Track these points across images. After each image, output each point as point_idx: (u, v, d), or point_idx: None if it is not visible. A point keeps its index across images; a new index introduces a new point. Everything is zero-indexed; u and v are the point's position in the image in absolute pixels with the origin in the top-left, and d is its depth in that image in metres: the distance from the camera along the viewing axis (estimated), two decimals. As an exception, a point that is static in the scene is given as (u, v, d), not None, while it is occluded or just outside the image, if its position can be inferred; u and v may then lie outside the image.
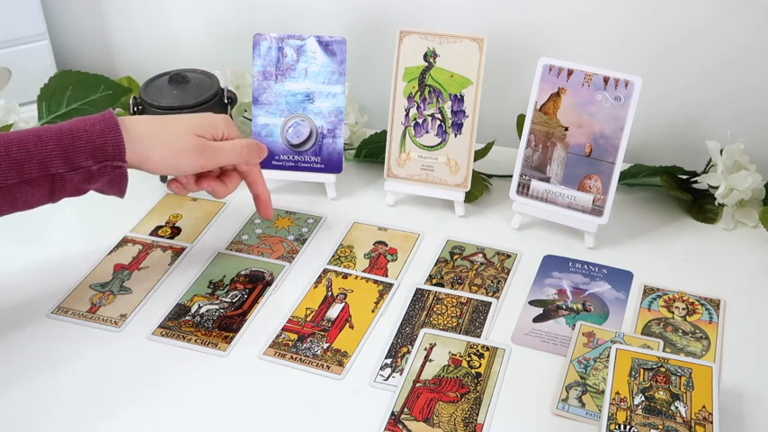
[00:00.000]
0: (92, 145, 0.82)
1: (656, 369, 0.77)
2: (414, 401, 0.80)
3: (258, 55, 1.08)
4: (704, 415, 0.73)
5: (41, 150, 0.81)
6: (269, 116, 1.09)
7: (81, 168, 0.82)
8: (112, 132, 0.83)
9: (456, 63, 1.02)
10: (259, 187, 0.97)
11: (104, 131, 0.83)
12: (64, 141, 0.81)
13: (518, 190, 1.02)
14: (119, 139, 0.83)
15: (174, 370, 0.85)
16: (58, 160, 0.81)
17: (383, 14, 1.21)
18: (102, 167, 0.83)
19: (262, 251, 1.01)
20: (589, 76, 0.96)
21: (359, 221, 1.06)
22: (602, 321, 0.90)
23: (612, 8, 1.11)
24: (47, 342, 0.88)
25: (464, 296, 0.93)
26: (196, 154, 0.88)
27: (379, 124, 1.15)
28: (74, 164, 0.82)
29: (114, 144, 0.83)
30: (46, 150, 0.81)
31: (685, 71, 1.12)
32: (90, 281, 0.97)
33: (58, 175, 0.82)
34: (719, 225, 1.04)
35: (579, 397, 0.80)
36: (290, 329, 0.89)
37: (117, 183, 0.85)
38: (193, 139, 0.88)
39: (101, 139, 0.82)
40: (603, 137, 0.96)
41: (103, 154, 0.83)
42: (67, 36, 1.41)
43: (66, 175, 0.82)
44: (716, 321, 0.89)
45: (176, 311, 0.92)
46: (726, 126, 1.06)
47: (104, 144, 0.82)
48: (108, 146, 0.83)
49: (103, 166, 0.83)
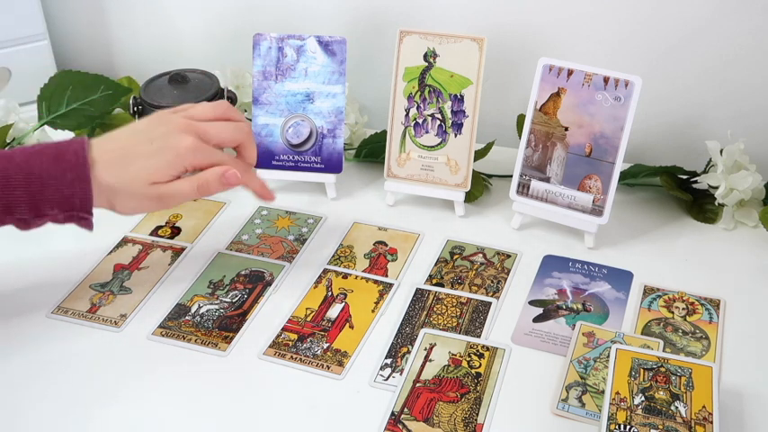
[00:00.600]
0: (60, 195, 0.81)
1: (656, 369, 0.77)
2: (414, 401, 0.80)
3: (258, 55, 1.08)
4: (704, 415, 0.73)
5: (8, 195, 0.80)
6: (269, 116, 1.09)
7: (46, 216, 0.82)
8: (81, 184, 0.81)
9: (456, 63, 1.02)
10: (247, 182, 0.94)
11: (74, 182, 0.81)
12: (32, 189, 0.80)
13: (518, 190, 1.02)
14: (87, 192, 0.81)
15: (174, 370, 0.85)
16: (24, 207, 0.81)
17: (383, 14, 1.21)
18: (68, 217, 0.82)
19: (262, 251, 1.01)
20: (589, 76, 0.96)
21: (359, 221, 1.06)
22: (602, 321, 0.90)
23: (612, 8, 1.11)
24: (47, 342, 0.88)
25: (464, 296, 0.93)
26: (154, 204, 0.86)
27: (379, 124, 1.15)
28: (39, 211, 0.81)
29: (82, 197, 0.81)
30: (13, 196, 0.80)
31: (685, 71, 1.12)
32: (90, 281, 0.97)
33: (23, 219, 0.82)
34: (719, 225, 1.04)
35: (579, 397, 0.80)
36: (290, 329, 0.89)
37: (83, 226, 0.84)
38: (150, 190, 0.85)
39: (69, 191, 0.81)
40: (603, 137, 0.96)
41: (70, 205, 0.82)
42: (67, 36, 1.41)
43: (30, 220, 0.82)
44: (716, 321, 0.89)
45: (176, 311, 0.92)
46: (726, 126, 1.06)
47: (72, 196, 0.81)
48: (75, 198, 0.81)
49: (69, 215, 0.82)
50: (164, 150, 0.86)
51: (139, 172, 0.85)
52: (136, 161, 0.85)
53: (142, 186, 0.85)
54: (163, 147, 0.86)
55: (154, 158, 0.85)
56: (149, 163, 0.85)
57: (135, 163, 0.85)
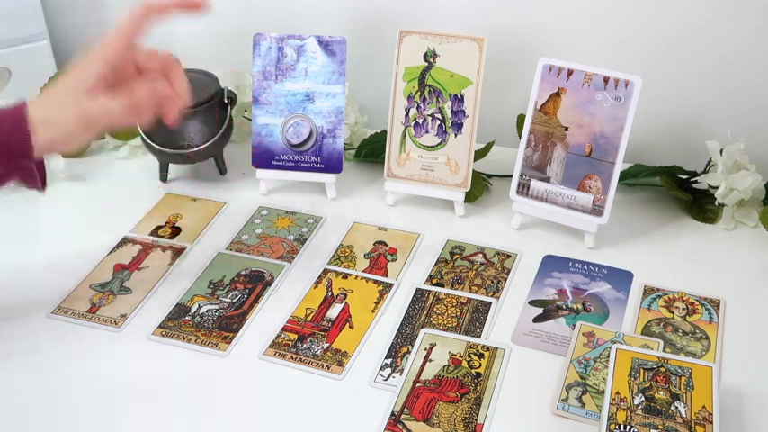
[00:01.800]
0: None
1: (656, 369, 0.77)
2: (414, 401, 0.80)
3: (258, 55, 1.08)
4: (704, 415, 0.73)
5: None
6: (269, 116, 1.09)
7: None
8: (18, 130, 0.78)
9: (456, 63, 1.02)
10: None
11: (10, 130, 0.78)
12: None
13: (518, 190, 1.02)
14: (25, 137, 0.78)
15: (174, 370, 0.85)
16: None
17: (383, 14, 1.21)
18: (8, 168, 0.80)
19: (262, 251, 1.01)
20: (589, 76, 0.96)
21: (359, 221, 1.06)
22: (602, 321, 0.90)
23: (612, 8, 1.11)
24: (47, 342, 0.88)
25: (464, 296, 0.93)
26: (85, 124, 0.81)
27: (379, 124, 1.15)
28: None
29: (20, 142, 0.78)
30: None
31: (685, 71, 1.12)
32: (90, 281, 0.97)
33: None
34: (719, 225, 1.04)
35: (579, 397, 0.80)
36: (290, 329, 0.89)
37: (28, 179, 0.82)
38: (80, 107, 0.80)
39: (5, 138, 0.78)
40: (603, 137, 0.96)
41: (8, 154, 0.79)
42: (67, 36, 1.41)
43: None
44: (716, 321, 0.89)
45: (176, 311, 0.92)
46: (726, 126, 1.06)
47: (9, 143, 0.78)
48: (13, 144, 0.78)
49: (9, 167, 0.80)
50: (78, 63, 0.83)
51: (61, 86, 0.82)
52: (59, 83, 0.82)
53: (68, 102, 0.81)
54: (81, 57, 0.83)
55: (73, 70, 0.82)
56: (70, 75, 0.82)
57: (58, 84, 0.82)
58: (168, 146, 1.09)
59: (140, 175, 1.17)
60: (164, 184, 1.14)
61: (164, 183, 1.15)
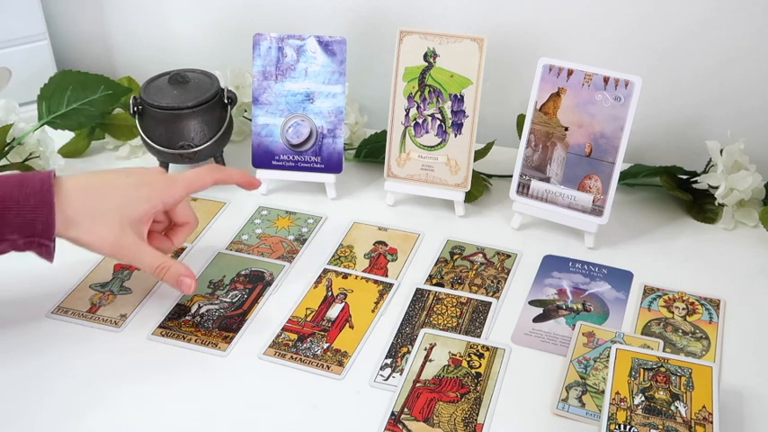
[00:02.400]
0: (21, 220, 0.79)
1: (656, 369, 0.77)
2: (414, 401, 0.80)
3: (258, 55, 1.08)
4: (704, 415, 0.73)
5: None
6: (269, 116, 1.09)
7: (6, 241, 0.80)
8: (45, 209, 0.80)
9: (456, 63, 1.02)
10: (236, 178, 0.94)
11: (36, 207, 0.80)
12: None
13: (518, 190, 1.02)
14: (50, 218, 0.80)
15: (174, 370, 0.85)
16: None
17: (383, 14, 1.21)
18: (29, 242, 0.81)
19: (262, 251, 1.01)
20: (589, 76, 0.96)
21: (359, 221, 1.06)
22: (602, 321, 0.90)
23: (612, 8, 1.11)
24: (47, 342, 0.88)
25: (464, 296, 0.93)
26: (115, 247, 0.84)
27: (379, 124, 1.15)
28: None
29: (44, 222, 0.80)
30: None
31: (685, 71, 1.12)
32: (90, 281, 0.97)
33: None
34: (719, 225, 1.04)
35: (579, 397, 0.80)
36: (290, 329, 0.89)
37: (43, 254, 0.83)
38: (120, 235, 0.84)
39: (31, 216, 0.80)
40: (603, 137, 0.97)
41: (31, 231, 0.80)
42: (67, 36, 1.41)
43: None
44: (716, 321, 0.89)
45: (176, 311, 0.92)
46: (726, 126, 1.06)
47: (34, 221, 0.80)
48: (37, 223, 0.80)
49: (30, 241, 0.81)
50: (139, 184, 0.86)
51: (114, 200, 0.84)
52: (112, 192, 0.85)
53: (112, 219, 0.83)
54: (139, 181, 0.86)
55: (132, 190, 0.85)
56: (127, 193, 0.85)
57: (110, 192, 0.85)
58: (168, 146, 1.09)
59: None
60: (164, 184, 1.14)
61: (164, 183, 1.15)
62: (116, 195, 0.85)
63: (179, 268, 0.87)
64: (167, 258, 0.87)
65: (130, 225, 0.84)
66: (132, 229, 0.84)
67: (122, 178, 0.86)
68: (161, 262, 0.86)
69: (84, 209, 0.83)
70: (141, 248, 0.86)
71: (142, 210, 0.85)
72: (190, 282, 0.87)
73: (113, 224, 0.83)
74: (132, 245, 0.85)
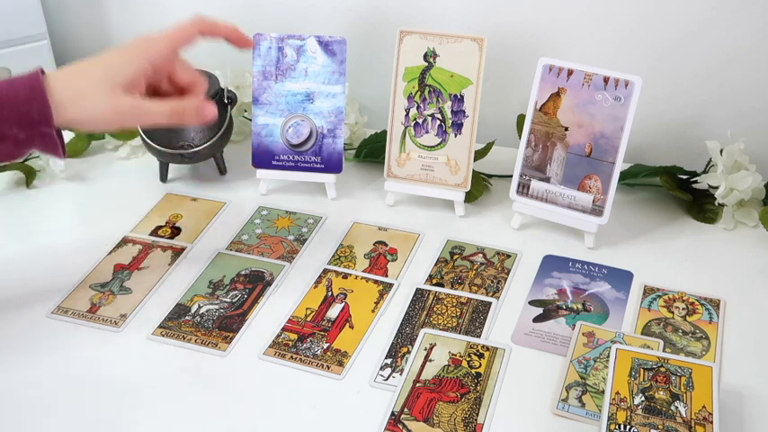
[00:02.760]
0: (17, 113, 0.79)
1: (656, 369, 0.77)
2: (414, 401, 0.80)
3: (258, 55, 1.08)
4: (704, 415, 0.73)
5: None
6: (269, 116, 1.09)
7: (8, 138, 0.80)
8: (37, 98, 0.79)
9: (456, 63, 1.02)
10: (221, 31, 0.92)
11: (29, 99, 0.79)
12: None
13: (518, 190, 1.02)
14: (44, 104, 0.79)
15: (174, 370, 0.85)
16: None
17: (383, 14, 1.21)
18: (30, 136, 0.80)
19: (262, 251, 1.01)
20: (589, 76, 0.96)
21: (359, 221, 1.06)
22: (602, 321, 0.90)
23: (612, 8, 1.11)
24: (47, 342, 0.88)
25: (464, 296, 0.93)
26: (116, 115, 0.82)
27: (379, 124, 1.15)
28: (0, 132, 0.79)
29: (40, 110, 0.79)
30: None
31: (685, 71, 1.12)
32: (90, 281, 0.97)
33: None
34: (719, 225, 1.04)
35: (579, 397, 0.80)
36: (290, 329, 0.89)
37: (49, 146, 0.82)
38: (114, 99, 0.81)
39: (25, 107, 0.79)
40: (603, 137, 0.97)
41: (29, 120, 0.79)
42: (67, 36, 1.41)
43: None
44: (716, 321, 0.89)
45: (176, 311, 0.92)
46: (726, 126, 1.06)
47: (29, 111, 0.79)
48: (33, 112, 0.79)
49: (31, 134, 0.80)
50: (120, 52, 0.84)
51: (97, 71, 0.82)
52: (94, 65, 0.83)
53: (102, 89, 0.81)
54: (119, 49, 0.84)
55: (114, 57, 0.83)
56: (109, 62, 0.83)
57: (93, 66, 0.83)
58: (168, 146, 1.09)
59: (140, 175, 1.17)
60: (164, 184, 1.15)
61: (164, 183, 1.15)
62: (99, 67, 0.83)
63: (192, 102, 0.85)
64: (175, 101, 0.85)
65: (123, 89, 0.82)
66: (126, 93, 0.82)
67: (103, 54, 0.85)
68: (171, 106, 0.84)
69: (73, 89, 0.81)
70: (143, 104, 0.83)
71: (129, 72, 0.83)
72: (210, 108, 0.85)
73: (105, 93, 0.81)
74: (132, 104, 0.82)
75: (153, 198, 1.11)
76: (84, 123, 0.82)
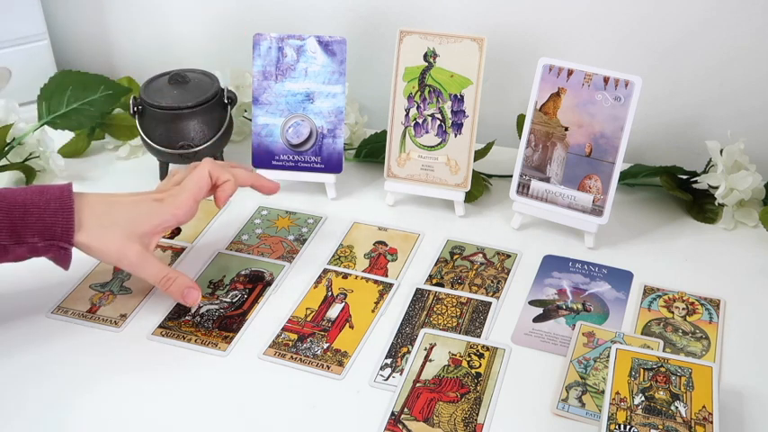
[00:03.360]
0: (42, 223, 0.82)
1: (656, 369, 0.77)
2: (414, 401, 0.80)
3: (258, 55, 1.08)
4: (704, 415, 0.73)
5: None
6: (269, 116, 1.09)
7: (26, 244, 0.83)
8: (64, 213, 0.83)
9: (456, 63, 1.02)
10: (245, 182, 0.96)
11: (57, 212, 0.83)
12: (14, 215, 0.82)
13: (518, 190, 1.02)
14: (69, 222, 0.83)
15: (174, 370, 0.85)
16: (5, 233, 0.82)
17: (383, 14, 1.21)
18: (48, 246, 0.83)
19: (262, 251, 1.01)
20: (589, 76, 0.96)
21: (359, 221, 1.06)
22: (602, 321, 0.90)
23: (612, 8, 1.11)
24: (47, 342, 0.88)
25: (464, 296, 0.93)
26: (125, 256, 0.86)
27: (379, 124, 1.15)
28: (20, 238, 0.82)
29: (64, 226, 0.83)
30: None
31: (685, 71, 1.12)
32: (90, 281, 0.97)
33: (2, 246, 0.82)
34: (719, 225, 1.04)
35: (579, 397, 0.80)
36: (290, 329, 0.89)
37: (61, 259, 0.85)
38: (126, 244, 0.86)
39: (51, 219, 0.83)
40: (603, 137, 0.97)
41: (51, 233, 0.83)
42: (67, 36, 1.41)
43: (9, 247, 0.82)
44: (716, 321, 0.89)
45: (176, 311, 0.92)
46: (726, 126, 1.06)
47: (54, 224, 0.83)
48: (57, 226, 0.83)
49: (50, 244, 0.83)
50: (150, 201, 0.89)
51: (124, 213, 0.87)
52: (124, 206, 0.88)
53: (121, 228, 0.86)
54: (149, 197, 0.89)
55: (143, 205, 0.88)
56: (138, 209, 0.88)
57: (122, 206, 0.87)
58: (168, 146, 1.09)
59: (140, 175, 1.17)
60: (164, 184, 1.15)
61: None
62: (126, 210, 0.88)
63: (185, 280, 0.89)
64: (172, 270, 0.89)
65: (138, 237, 0.87)
66: (139, 241, 0.87)
67: (135, 196, 0.90)
68: (166, 273, 0.88)
69: (96, 216, 0.85)
70: (146, 259, 0.87)
71: (151, 224, 0.88)
72: (196, 294, 0.89)
73: (121, 233, 0.86)
74: (137, 255, 0.86)
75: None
76: (90, 250, 0.86)
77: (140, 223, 0.87)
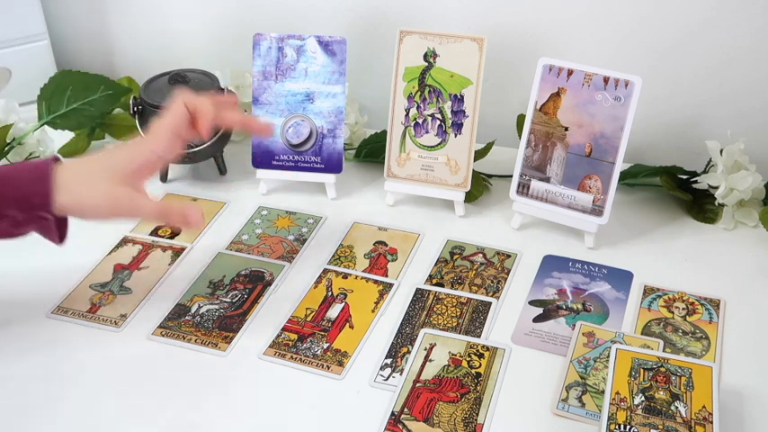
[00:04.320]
0: (18, 194, 0.80)
1: (656, 369, 0.77)
2: (414, 401, 0.80)
3: (258, 55, 1.08)
4: (704, 415, 0.73)
5: None
6: (269, 116, 1.09)
7: (6, 217, 0.80)
8: (41, 183, 0.80)
9: (456, 63, 1.02)
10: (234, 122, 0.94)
11: (33, 181, 0.81)
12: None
13: (518, 190, 1.02)
14: (46, 190, 0.80)
15: (173, 370, 0.85)
16: None
17: (383, 14, 1.21)
18: (28, 218, 0.81)
19: (262, 251, 1.01)
20: (589, 76, 0.96)
21: (359, 221, 1.06)
22: (602, 321, 0.90)
23: (612, 8, 1.11)
24: (47, 342, 0.88)
25: (464, 296, 0.93)
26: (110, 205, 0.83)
27: (379, 124, 1.15)
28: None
29: (41, 195, 0.80)
30: None
31: (685, 71, 1.12)
32: (90, 281, 0.97)
33: None
34: (719, 225, 1.04)
35: (579, 397, 0.80)
36: (290, 329, 0.89)
37: (46, 231, 0.83)
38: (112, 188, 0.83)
39: (28, 189, 0.80)
40: (603, 137, 0.97)
41: (29, 204, 0.80)
42: (67, 36, 1.41)
43: None
44: (716, 321, 0.89)
45: (176, 311, 0.92)
46: (726, 126, 1.06)
47: (31, 195, 0.80)
48: (35, 197, 0.80)
49: (29, 216, 0.81)
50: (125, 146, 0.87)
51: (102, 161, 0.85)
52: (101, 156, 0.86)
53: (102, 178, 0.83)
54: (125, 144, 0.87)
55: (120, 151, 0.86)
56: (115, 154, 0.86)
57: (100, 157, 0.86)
58: (168, 146, 1.09)
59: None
60: (164, 183, 1.14)
61: (164, 183, 1.15)
62: (104, 158, 0.86)
63: (180, 205, 0.87)
64: (165, 202, 0.87)
65: (123, 180, 0.83)
66: (126, 183, 0.83)
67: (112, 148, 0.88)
68: (162, 205, 0.87)
69: (74, 175, 0.82)
70: (138, 198, 0.84)
71: (133, 165, 0.84)
72: (197, 214, 0.86)
73: (105, 182, 0.83)
74: (128, 196, 0.83)
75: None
76: (78, 208, 0.83)
77: (122, 167, 0.84)
